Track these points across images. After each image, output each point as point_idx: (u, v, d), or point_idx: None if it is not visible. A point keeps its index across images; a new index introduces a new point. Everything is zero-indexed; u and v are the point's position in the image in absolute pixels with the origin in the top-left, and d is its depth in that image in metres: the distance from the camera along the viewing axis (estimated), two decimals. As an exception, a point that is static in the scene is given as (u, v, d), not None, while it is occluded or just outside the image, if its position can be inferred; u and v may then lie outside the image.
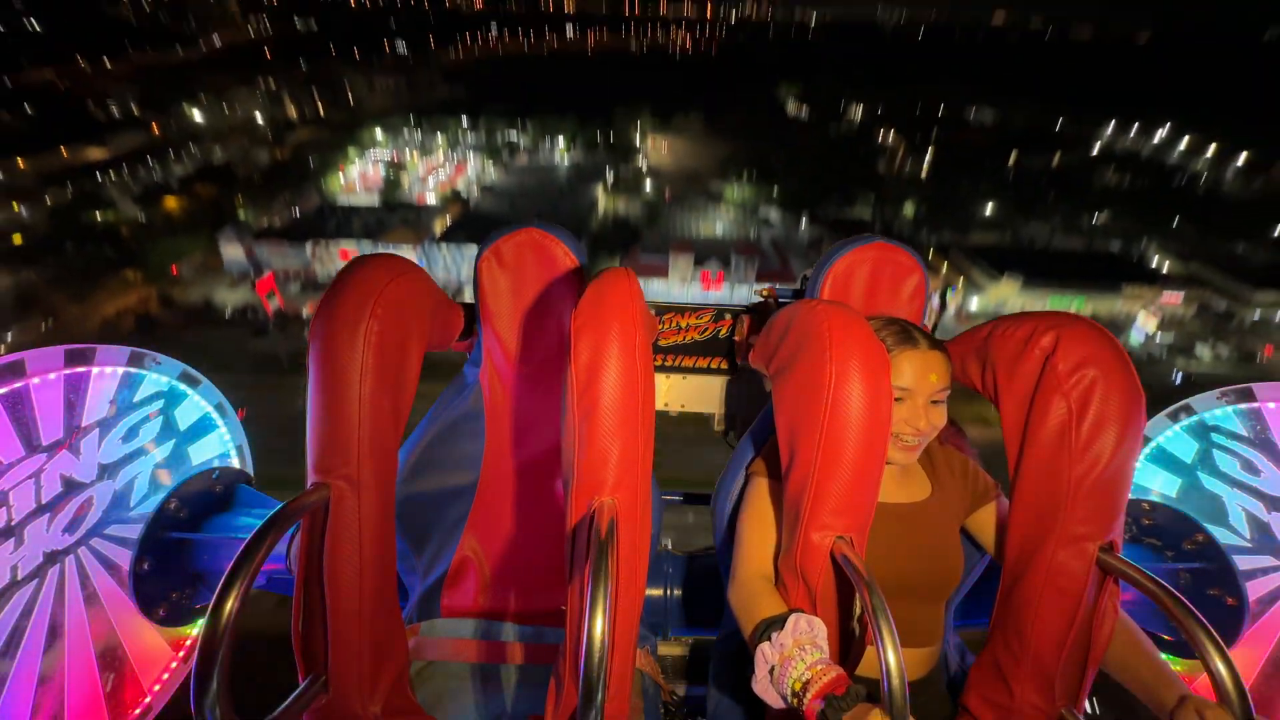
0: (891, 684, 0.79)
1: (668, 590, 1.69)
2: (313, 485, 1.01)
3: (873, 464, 0.99)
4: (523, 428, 1.55)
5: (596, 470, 0.94)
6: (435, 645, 1.38)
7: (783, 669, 0.87)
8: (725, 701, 1.28)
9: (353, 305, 1.03)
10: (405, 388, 1.12)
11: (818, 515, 0.99)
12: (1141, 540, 1.78)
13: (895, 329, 1.17)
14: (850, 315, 1.04)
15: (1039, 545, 1.06)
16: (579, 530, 0.94)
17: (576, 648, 0.81)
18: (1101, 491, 1.01)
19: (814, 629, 0.91)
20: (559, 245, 1.47)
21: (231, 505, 1.85)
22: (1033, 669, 1.08)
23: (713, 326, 1.80)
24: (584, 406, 0.94)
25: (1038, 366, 1.08)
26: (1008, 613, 1.13)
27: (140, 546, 1.60)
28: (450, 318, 1.43)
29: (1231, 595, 1.59)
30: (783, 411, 1.11)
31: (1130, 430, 1.01)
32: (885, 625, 0.82)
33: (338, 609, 1.01)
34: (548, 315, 1.50)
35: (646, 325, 1.03)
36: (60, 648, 1.54)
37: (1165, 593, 0.93)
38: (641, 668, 1.29)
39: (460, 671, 1.33)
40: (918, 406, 1.12)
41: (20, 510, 1.45)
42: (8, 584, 1.45)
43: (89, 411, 1.59)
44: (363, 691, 1.03)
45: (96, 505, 1.62)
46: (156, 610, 1.66)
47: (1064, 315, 1.10)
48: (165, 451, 1.79)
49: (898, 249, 1.38)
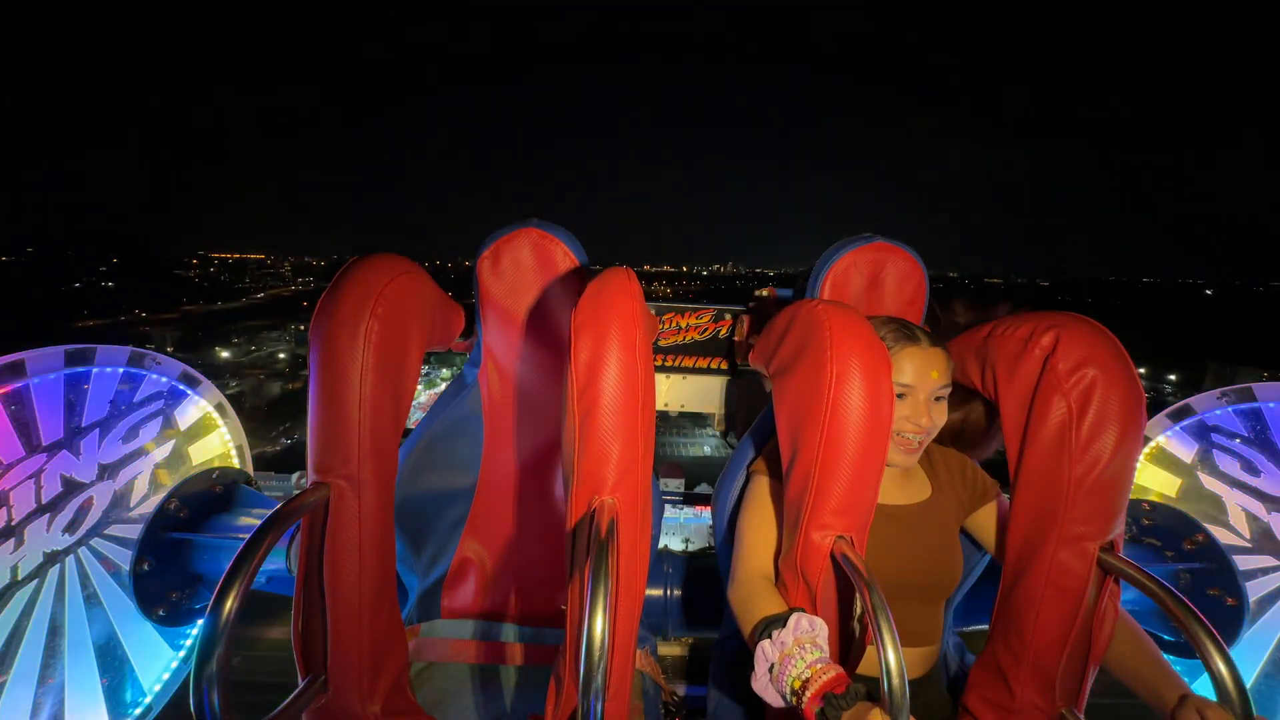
0: (891, 683, 0.79)
1: (668, 590, 1.69)
2: (313, 485, 1.00)
3: (873, 464, 0.99)
4: (523, 428, 1.55)
5: (596, 470, 0.94)
6: (435, 646, 1.38)
7: (782, 667, 0.87)
8: (725, 702, 1.28)
9: (353, 305, 1.02)
10: (405, 387, 1.12)
11: (818, 515, 0.99)
12: (1141, 540, 1.78)
13: (895, 326, 1.17)
14: (851, 315, 1.04)
15: (1039, 545, 1.06)
16: (579, 530, 0.94)
17: (576, 648, 0.81)
18: (1102, 491, 1.01)
19: (815, 628, 0.91)
20: (559, 245, 1.47)
21: (231, 505, 1.85)
22: (1033, 669, 1.08)
23: (713, 326, 1.80)
24: (584, 406, 0.94)
25: (1038, 366, 1.08)
26: (1008, 613, 1.12)
27: (140, 546, 1.60)
28: (450, 317, 1.43)
29: (1231, 595, 1.59)
30: (783, 411, 1.11)
31: (1130, 430, 1.00)
32: (885, 625, 0.82)
33: (338, 609, 1.00)
34: (547, 315, 1.50)
35: (646, 325, 1.03)
36: (60, 648, 1.54)
37: (1166, 593, 0.93)
38: (641, 668, 1.29)
39: (460, 672, 1.33)
40: (920, 403, 1.12)
41: (20, 510, 1.45)
42: (8, 584, 1.45)
43: (89, 411, 1.59)
44: (362, 691, 1.03)
45: (96, 505, 1.62)
46: (156, 610, 1.66)
47: (1064, 315, 1.09)
48: (165, 451, 1.79)
49: (898, 249, 1.38)
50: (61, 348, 1.52)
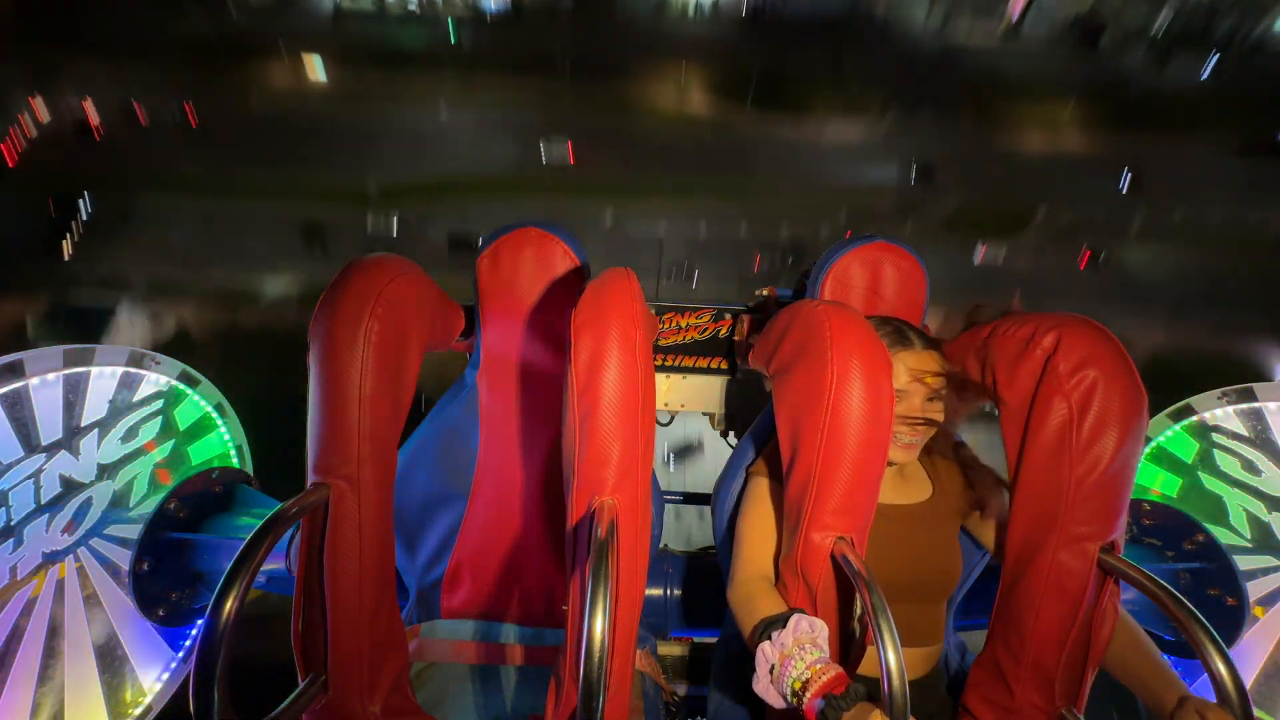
0: (892, 684, 0.79)
1: (668, 590, 1.69)
2: (313, 485, 1.00)
3: (874, 465, 0.99)
4: (523, 427, 1.55)
5: (596, 470, 0.94)
6: (435, 646, 1.37)
7: (782, 668, 0.87)
8: (726, 702, 1.28)
9: (353, 305, 1.02)
10: (405, 388, 1.12)
11: (819, 516, 0.99)
12: (1141, 540, 1.78)
13: (889, 329, 1.17)
14: (852, 316, 1.04)
15: (1039, 545, 1.06)
16: (579, 530, 0.94)
17: (576, 648, 0.81)
18: (1102, 492, 1.01)
19: (815, 629, 0.91)
20: (559, 245, 1.47)
21: (231, 505, 1.85)
22: (1033, 669, 1.08)
23: (713, 326, 1.80)
24: (584, 406, 0.94)
25: (1039, 367, 1.08)
26: (1008, 612, 1.12)
27: (140, 546, 1.60)
28: (450, 317, 1.43)
29: (1231, 595, 1.60)
30: (783, 412, 1.11)
31: (1131, 431, 1.00)
32: (885, 625, 0.82)
33: (338, 609, 1.00)
34: (548, 315, 1.50)
35: (647, 325, 1.03)
36: (60, 648, 1.54)
37: (1166, 593, 0.93)
38: (641, 668, 1.29)
39: (460, 672, 1.33)
40: (914, 406, 1.12)
41: (20, 510, 1.45)
42: (8, 584, 1.45)
43: (88, 411, 1.59)
44: (362, 691, 1.03)
45: (96, 505, 1.63)
46: (156, 610, 1.66)
47: (1066, 316, 1.09)
48: (165, 451, 1.80)
49: (898, 249, 1.38)
50: (61, 347, 1.52)
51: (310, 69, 21.31)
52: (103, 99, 16.29)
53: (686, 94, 23.37)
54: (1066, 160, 19.74)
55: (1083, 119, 20.66)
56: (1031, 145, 21.51)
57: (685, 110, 23.27)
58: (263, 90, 18.19)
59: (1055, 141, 20.77)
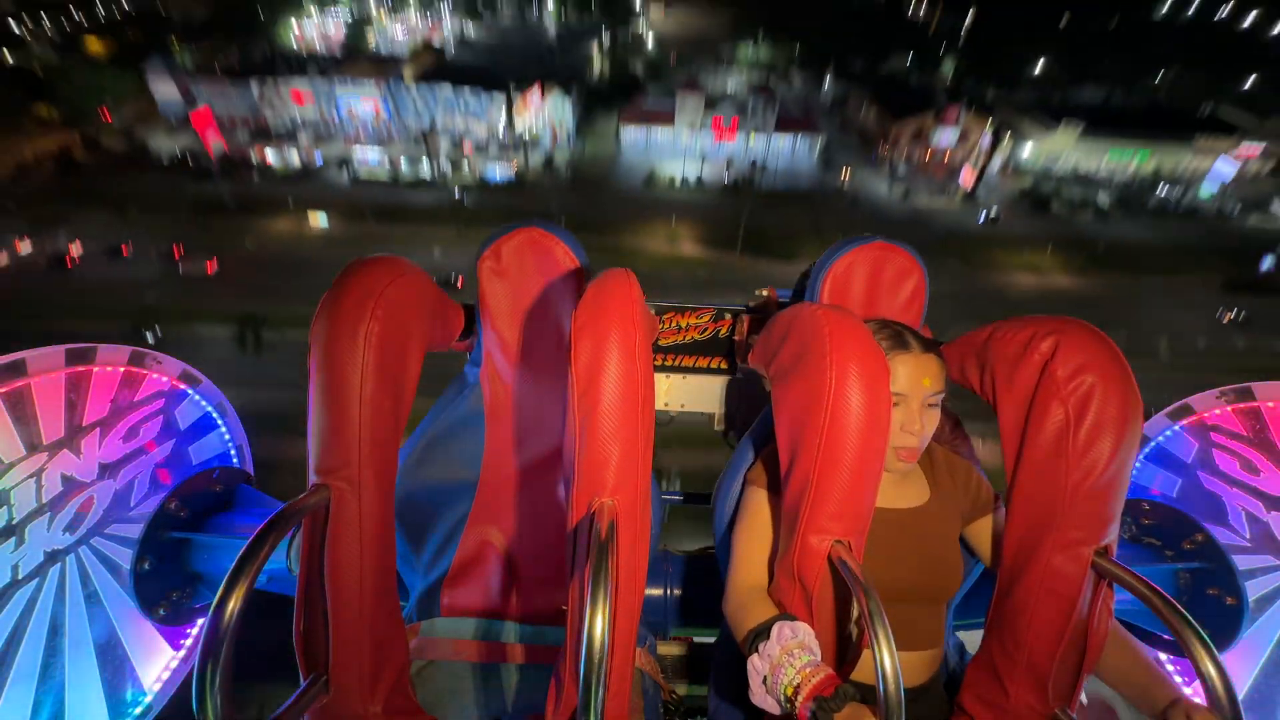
0: (888, 687, 0.79)
1: (668, 590, 1.69)
2: (313, 486, 1.01)
3: (871, 469, 0.99)
4: (523, 427, 1.55)
5: (597, 471, 0.94)
6: (436, 645, 1.38)
7: (774, 677, 0.88)
8: (725, 703, 1.28)
9: (353, 306, 1.03)
10: (405, 388, 1.12)
11: (816, 519, 0.99)
12: (1141, 540, 1.78)
13: (888, 333, 1.17)
14: (850, 320, 1.04)
15: (1035, 548, 1.07)
16: (579, 531, 0.95)
17: (576, 647, 0.81)
18: (1097, 497, 1.01)
19: (798, 634, 0.92)
20: (559, 245, 1.47)
21: (231, 505, 1.86)
22: (1027, 670, 1.08)
23: (713, 326, 1.80)
24: (584, 408, 0.95)
25: (1037, 371, 1.08)
26: (1003, 614, 1.13)
27: (140, 546, 1.61)
28: (450, 318, 1.43)
29: (1231, 595, 1.60)
30: (782, 415, 1.11)
31: (1127, 436, 1.01)
32: (881, 629, 0.82)
33: (339, 609, 1.01)
34: (548, 315, 1.50)
35: (647, 326, 1.04)
36: (60, 647, 1.54)
37: (1158, 596, 0.93)
38: (641, 668, 1.29)
39: (461, 671, 1.33)
40: (912, 411, 1.12)
41: (21, 509, 1.46)
42: (8, 583, 1.45)
43: (90, 411, 1.59)
44: (363, 691, 1.03)
45: (97, 505, 1.63)
46: (156, 610, 1.66)
47: (1064, 320, 1.10)
48: (165, 451, 1.80)
49: (898, 249, 1.38)
50: (62, 347, 1.53)
51: (314, 221, 23.77)
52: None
53: (678, 243, 26.11)
54: (1051, 296, 23.09)
55: (1058, 264, 25.13)
56: (1013, 283, 24.31)
57: (678, 254, 25.64)
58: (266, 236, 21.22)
59: (1039, 282, 24.48)
